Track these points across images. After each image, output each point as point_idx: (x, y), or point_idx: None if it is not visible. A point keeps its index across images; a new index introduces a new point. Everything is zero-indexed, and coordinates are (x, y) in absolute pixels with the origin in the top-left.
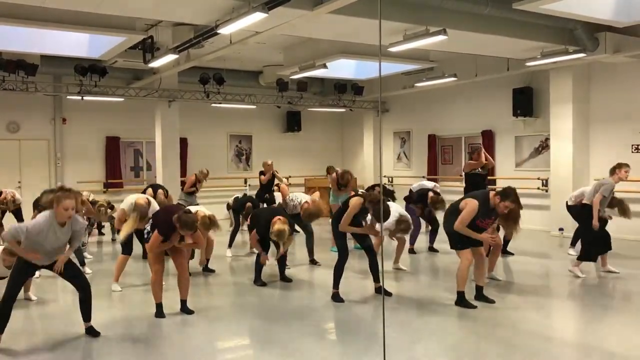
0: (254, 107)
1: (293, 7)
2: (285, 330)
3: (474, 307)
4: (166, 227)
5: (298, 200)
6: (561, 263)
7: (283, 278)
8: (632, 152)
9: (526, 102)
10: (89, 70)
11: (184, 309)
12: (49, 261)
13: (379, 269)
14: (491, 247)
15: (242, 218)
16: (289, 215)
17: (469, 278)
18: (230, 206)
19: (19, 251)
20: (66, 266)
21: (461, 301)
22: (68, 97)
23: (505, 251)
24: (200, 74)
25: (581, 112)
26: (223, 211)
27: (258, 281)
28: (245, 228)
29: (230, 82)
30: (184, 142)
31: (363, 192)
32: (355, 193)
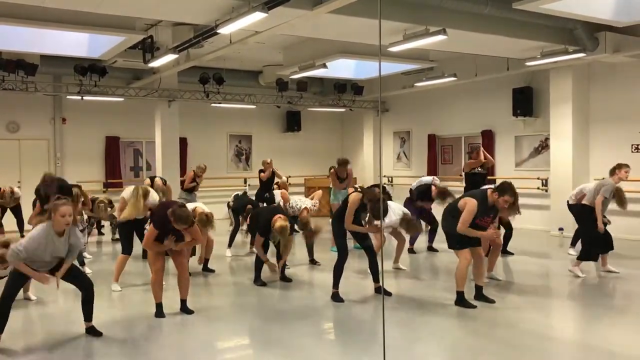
0: (254, 107)
1: (293, 7)
2: (285, 330)
3: (474, 307)
4: (161, 221)
5: (298, 206)
6: (561, 263)
7: (283, 278)
8: (632, 152)
9: (526, 102)
10: (89, 70)
11: (184, 309)
12: (49, 267)
13: (379, 269)
14: (490, 247)
15: (242, 218)
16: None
17: (468, 278)
18: (230, 205)
19: (28, 272)
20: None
21: (461, 301)
22: (68, 97)
23: (505, 251)
24: (200, 74)
25: (581, 112)
26: (223, 211)
27: (258, 281)
28: (245, 228)
29: (230, 82)
30: (184, 142)
31: (361, 187)
32: (355, 189)
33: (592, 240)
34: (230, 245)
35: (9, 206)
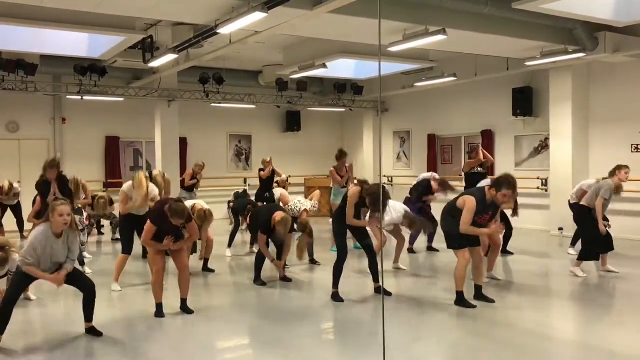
0: (254, 107)
1: (293, 7)
2: (285, 330)
3: (474, 307)
4: (159, 217)
5: (297, 208)
6: (561, 263)
7: (283, 278)
8: (632, 152)
9: (526, 102)
10: (89, 70)
11: (184, 308)
12: (49, 271)
13: (379, 269)
14: (490, 247)
15: (242, 218)
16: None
17: (468, 277)
18: (230, 204)
19: (40, 275)
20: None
21: (460, 301)
22: (68, 97)
23: (505, 251)
24: (200, 74)
25: (581, 112)
26: (223, 211)
27: (258, 281)
28: (245, 227)
29: (229, 82)
30: (184, 142)
31: (359, 180)
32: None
33: (593, 240)
34: (230, 245)
35: (10, 204)
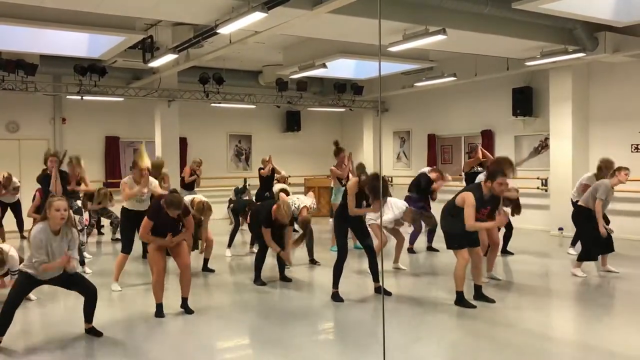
0: (254, 107)
1: (293, 7)
2: (285, 329)
3: (474, 307)
4: (155, 212)
5: (297, 205)
6: (561, 263)
7: (283, 278)
8: (632, 152)
9: (526, 102)
10: (89, 70)
11: (185, 307)
12: (51, 275)
13: (379, 269)
14: (489, 246)
15: (242, 218)
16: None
17: (468, 277)
18: (231, 205)
19: (52, 265)
20: (67, 276)
21: (460, 301)
22: (68, 97)
23: (505, 251)
24: (199, 74)
25: (581, 112)
26: (223, 211)
27: (258, 281)
28: (245, 227)
29: (229, 82)
30: (184, 142)
31: (357, 165)
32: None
33: (594, 240)
34: (230, 245)
35: (10, 200)
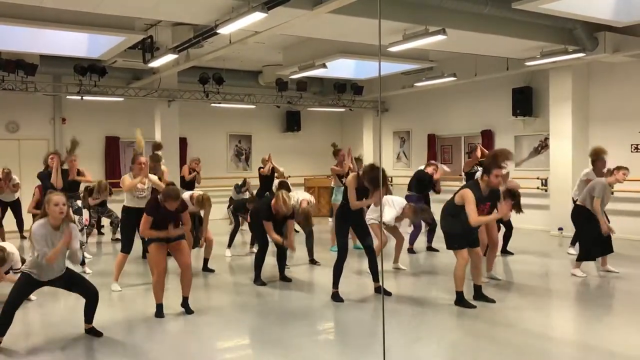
0: (254, 107)
1: (293, 7)
2: (285, 330)
3: (474, 307)
4: (152, 207)
5: (296, 198)
6: (561, 262)
7: (283, 278)
8: (632, 152)
9: (526, 102)
10: (89, 70)
11: (185, 306)
12: (52, 276)
13: (379, 269)
14: (488, 246)
15: (242, 218)
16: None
17: (468, 278)
18: (231, 202)
19: (56, 250)
20: (68, 277)
21: (460, 301)
22: (67, 97)
23: (505, 251)
24: (199, 74)
25: (580, 112)
26: (223, 211)
27: (258, 281)
28: (245, 227)
29: (229, 82)
30: (184, 142)
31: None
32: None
33: (593, 240)
34: (230, 245)
35: (9, 199)
